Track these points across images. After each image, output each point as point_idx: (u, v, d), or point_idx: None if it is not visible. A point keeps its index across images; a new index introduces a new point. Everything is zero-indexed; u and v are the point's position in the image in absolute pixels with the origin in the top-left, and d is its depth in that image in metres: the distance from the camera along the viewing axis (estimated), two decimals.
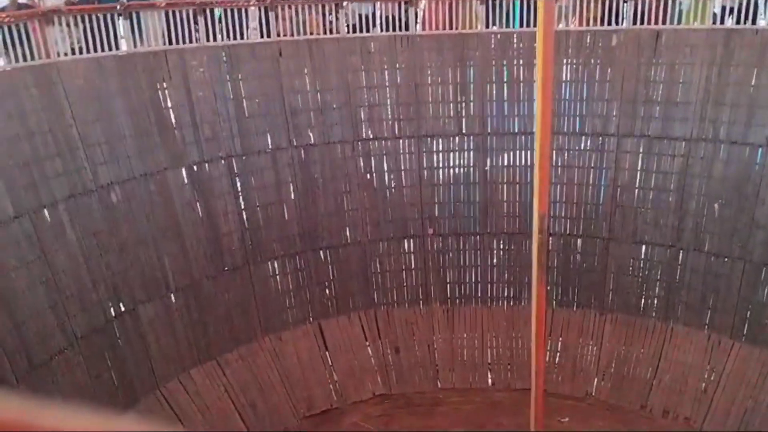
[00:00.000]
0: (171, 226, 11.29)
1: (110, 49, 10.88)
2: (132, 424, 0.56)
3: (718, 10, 12.06)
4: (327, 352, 12.87)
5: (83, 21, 10.68)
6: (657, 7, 12.09)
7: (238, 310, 12.16)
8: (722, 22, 11.93)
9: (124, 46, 11.19)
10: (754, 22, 11.54)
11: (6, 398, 0.56)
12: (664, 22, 12.10)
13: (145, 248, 10.94)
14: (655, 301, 12.68)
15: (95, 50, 10.70)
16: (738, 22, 11.67)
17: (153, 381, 10.82)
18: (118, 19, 11.05)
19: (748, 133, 11.47)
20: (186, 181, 11.57)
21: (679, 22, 12.15)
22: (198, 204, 11.75)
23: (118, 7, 11.06)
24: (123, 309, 10.65)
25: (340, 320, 13.08)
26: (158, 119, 11.22)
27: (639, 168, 12.50)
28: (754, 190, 11.48)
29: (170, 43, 11.45)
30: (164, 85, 11.31)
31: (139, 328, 10.83)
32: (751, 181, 11.52)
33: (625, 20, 12.30)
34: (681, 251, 12.30)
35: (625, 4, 12.24)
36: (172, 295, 11.36)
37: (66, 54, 10.48)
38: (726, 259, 11.86)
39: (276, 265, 12.62)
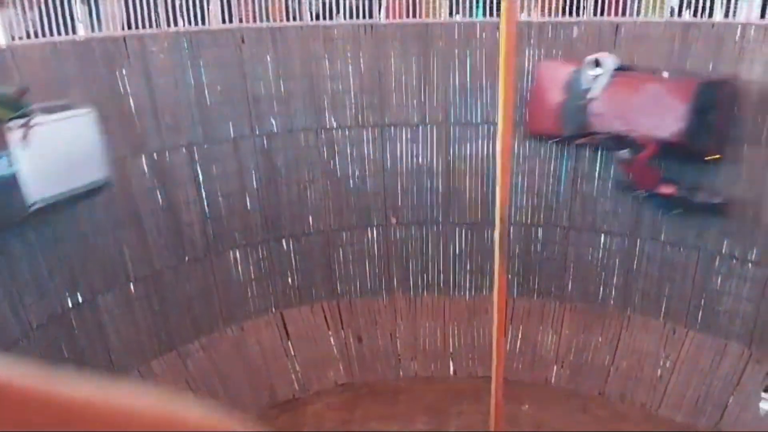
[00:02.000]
0: (131, 215, 11.12)
1: (67, 33, 10.63)
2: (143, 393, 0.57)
3: (675, 4, 12.26)
4: (289, 342, 12.85)
5: (38, 4, 10.41)
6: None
7: (199, 300, 12.05)
8: (680, 15, 12.15)
9: (81, 30, 10.94)
10: (710, 15, 11.76)
11: (20, 367, 0.56)
12: (623, 14, 12.26)
13: (104, 237, 10.76)
14: (613, 290, 12.92)
15: (51, 34, 10.44)
16: (695, 15, 11.88)
17: (112, 372, 10.67)
18: (75, 3, 10.80)
19: None
20: (146, 169, 11.39)
21: (638, 14, 12.33)
22: (158, 193, 11.58)
23: None
24: (81, 299, 10.47)
25: (302, 310, 13.05)
26: (118, 107, 11.02)
27: (598, 158, 12.68)
28: None
29: (129, 28, 11.24)
30: (123, 71, 11.10)
31: (98, 319, 10.67)
32: None
33: (585, 12, 12.44)
34: (638, 240, 12.53)
35: None
36: (131, 285, 11.21)
37: (21, 38, 10.21)
38: (681, 249, 12.12)
39: (238, 254, 12.53)
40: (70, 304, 10.33)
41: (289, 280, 13.07)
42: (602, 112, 11.49)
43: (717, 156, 11.15)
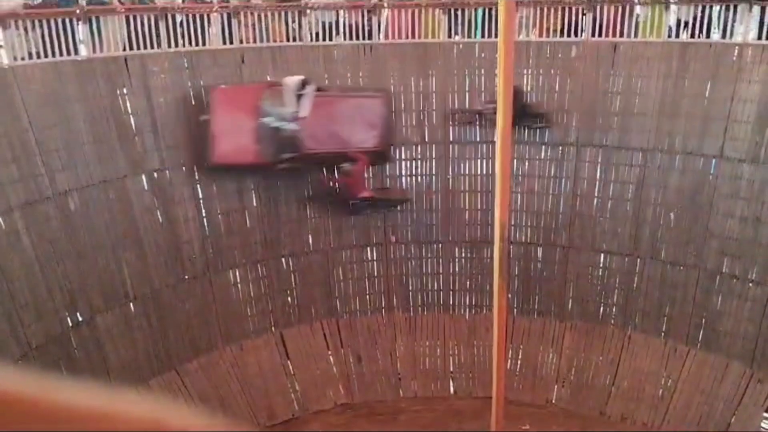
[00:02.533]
0: (130, 234, 11.12)
1: (69, 54, 10.71)
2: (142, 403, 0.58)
3: (673, 24, 12.35)
4: (289, 362, 12.78)
5: (41, 25, 10.49)
6: (615, 20, 12.34)
7: (198, 319, 12.01)
8: (677, 35, 12.23)
9: (83, 51, 11.02)
10: (707, 35, 11.85)
11: (21, 376, 0.57)
12: (621, 35, 12.35)
13: (103, 256, 10.76)
14: (614, 309, 12.88)
15: (53, 55, 10.52)
16: (692, 36, 11.97)
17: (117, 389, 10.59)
18: (78, 24, 10.88)
19: (703, 144, 11.76)
20: (146, 188, 11.42)
21: (636, 35, 12.42)
22: (158, 211, 11.60)
23: (78, 11, 10.89)
24: (80, 318, 10.45)
25: (302, 329, 13.00)
26: (118, 125, 11.07)
27: (597, 178, 12.72)
28: (708, 200, 11.77)
29: (131, 48, 11.31)
30: (124, 90, 11.17)
31: (97, 338, 10.63)
32: (706, 192, 11.81)
33: (583, 32, 12.52)
34: (638, 260, 12.53)
35: (584, 17, 12.47)
36: (131, 304, 11.18)
37: (23, 58, 10.28)
38: (681, 268, 12.12)
39: (237, 273, 12.51)
40: (69, 324, 10.30)
41: (289, 298, 13.04)
42: (313, 133, 11.73)
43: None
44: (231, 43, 12.17)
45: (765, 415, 11.08)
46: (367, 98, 12.39)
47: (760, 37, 11.42)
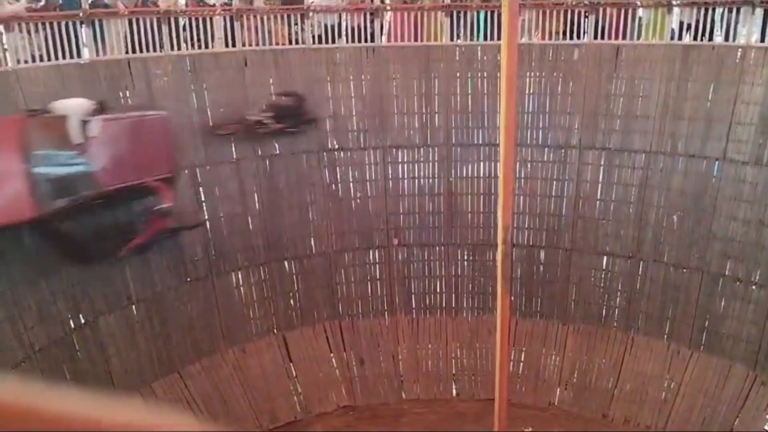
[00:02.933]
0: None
1: (72, 56, 10.73)
2: (138, 411, 0.59)
3: (675, 27, 12.34)
4: (291, 364, 12.78)
5: (44, 28, 10.51)
6: (617, 23, 12.34)
7: (200, 321, 12.02)
8: (680, 38, 12.22)
9: (86, 53, 11.04)
10: (710, 38, 11.85)
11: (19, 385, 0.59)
12: (624, 38, 12.34)
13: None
14: (616, 312, 12.87)
15: (56, 58, 10.54)
16: (695, 38, 11.96)
17: (113, 394, 10.58)
18: (81, 27, 10.91)
19: (705, 146, 11.75)
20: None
21: (639, 37, 12.41)
22: None
23: (81, 14, 10.92)
24: (83, 321, 10.45)
25: (304, 331, 13.01)
26: None
27: (600, 180, 12.70)
28: (711, 203, 11.75)
29: (134, 51, 11.33)
30: (127, 93, 11.18)
31: (100, 340, 10.64)
32: (708, 194, 11.79)
33: (586, 35, 12.52)
34: (641, 262, 12.51)
35: (587, 19, 12.47)
36: (133, 307, 11.19)
37: (26, 61, 10.31)
38: (684, 270, 12.10)
39: (240, 275, 12.52)
40: (72, 326, 10.31)
41: (291, 301, 13.04)
42: (109, 165, 9.62)
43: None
44: (234, 46, 12.19)
45: None
46: (150, 118, 10.57)
47: (763, 40, 11.41)
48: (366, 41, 12.77)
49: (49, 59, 10.49)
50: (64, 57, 10.62)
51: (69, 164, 9.38)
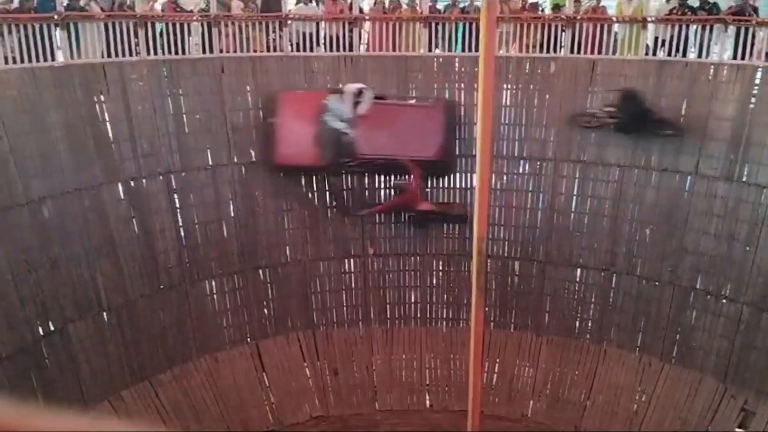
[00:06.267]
0: (105, 243, 10.98)
1: (46, 59, 10.59)
2: (115, 424, 0.56)
3: (650, 42, 12.51)
4: (264, 373, 12.66)
5: (18, 30, 10.36)
6: (593, 37, 12.47)
7: (173, 329, 11.88)
8: (654, 53, 12.39)
9: (60, 57, 10.91)
10: (684, 54, 12.02)
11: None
12: (600, 52, 12.48)
13: (77, 265, 10.60)
14: (590, 324, 12.95)
15: (30, 60, 10.39)
16: (669, 54, 12.13)
17: (82, 403, 10.43)
18: (55, 30, 10.78)
19: (678, 161, 11.90)
20: (122, 196, 11.29)
21: (614, 52, 12.57)
22: (134, 220, 11.47)
23: (56, 17, 10.79)
24: (52, 328, 10.27)
25: (278, 340, 12.90)
26: (95, 133, 10.94)
27: (575, 193, 12.80)
28: (683, 217, 11.89)
29: (109, 55, 11.22)
30: (102, 98, 11.07)
31: (69, 348, 10.45)
32: (681, 208, 11.94)
33: (563, 48, 12.64)
34: (614, 275, 12.61)
35: (563, 33, 12.60)
36: (104, 314, 11.02)
37: None
38: (657, 283, 12.21)
39: (213, 283, 12.40)
40: (41, 333, 10.12)
41: (265, 310, 12.94)
42: (367, 139, 11.88)
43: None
44: (211, 52, 12.12)
45: (737, 430, 11.17)
46: (426, 107, 12.49)
47: (735, 57, 11.61)
48: (344, 50, 12.77)
49: (22, 62, 10.33)
50: (38, 60, 10.48)
51: (341, 131, 11.74)
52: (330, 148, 11.83)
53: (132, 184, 11.38)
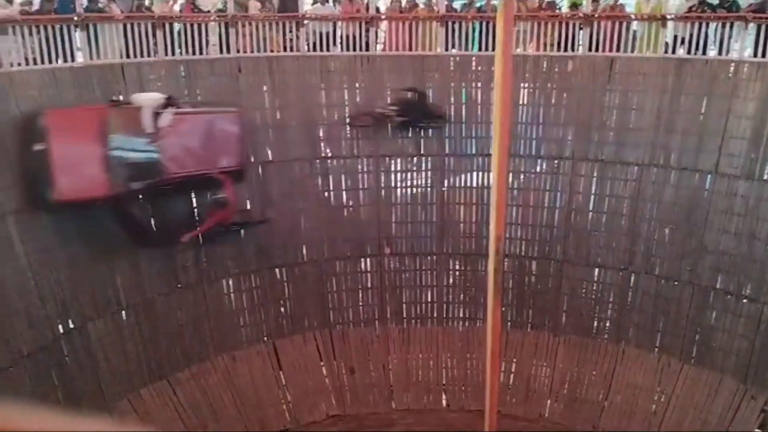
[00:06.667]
0: (124, 242, 11.03)
1: (65, 60, 10.69)
2: (108, 425, 0.57)
3: (670, 40, 12.40)
4: (281, 372, 12.71)
5: (38, 31, 10.47)
6: (611, 35, 12.39)
7: (190, 328, 11.94)
8: (674, 51, 12.28)
9: (80, 57, 11.01)
10: (704, 52, 11.90)
11: None
12: (618, 50, 12.39)
13: (96, 264, 10.68)
14: (607, 323, 12.86)
15: (50, 61, 10.49)
16: (689, 52, 12.02)
17: (101, 401, 10.53)
18: (75, 31, 10.87)
19: (698, 159, 11.79)
20: (140, 196, 11.34)
21: (633, 50, 12.47)
22: (152, 219, 11.53)
23: (75, 18, 10.89)
24: (72, 326, 10.37)
25: (294, 339, 12.94)
26: None
27: (593, 192, 12.72)
28: (702, 216, 11.77)
29: (128, 56, 11.30)
30: (120, 98, 11.13)
31: (88, 346, 10.55)
32: (700, 207, 11.82)
33: (580, 47, 12.57)
34: (632, 274, 12.51)
35: (581, 31, 12.52)
36: (123, 312, 11.11)
37: (20, 64, 10.25)
38: (676, 283, 12.11)
39: (230, 282, 12.45)
40: (61, 331, 10.22)
41: (282, 309, 12.98)
42: (175, 154, 10.54)
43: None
44: (228, 52, 12.18)
45: (757, 431, 11.05)
46: (222, 114, 11.37)
47: (755, 55, 11.47)
48: (361, 50, 12.78)
49: (42, 63, 10.44)
50: (57, 61, 10.58)
51: (141, 151, 10.30)
52: (133, 170, 10.18)
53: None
